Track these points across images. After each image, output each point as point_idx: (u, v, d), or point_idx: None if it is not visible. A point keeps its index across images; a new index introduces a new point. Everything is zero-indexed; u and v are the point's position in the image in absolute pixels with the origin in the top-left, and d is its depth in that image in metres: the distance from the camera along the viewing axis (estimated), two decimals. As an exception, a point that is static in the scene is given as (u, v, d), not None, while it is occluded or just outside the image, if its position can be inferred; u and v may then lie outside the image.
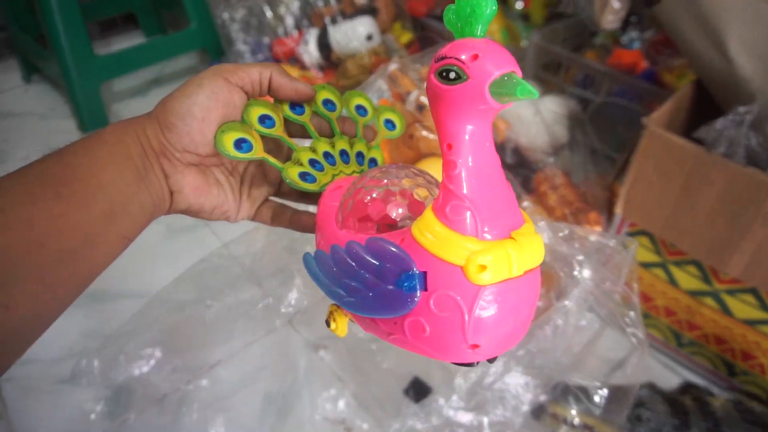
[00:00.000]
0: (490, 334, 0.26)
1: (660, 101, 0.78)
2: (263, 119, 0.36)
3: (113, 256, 0.31)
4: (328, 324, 0.34)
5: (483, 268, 0.25)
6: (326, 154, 0.37)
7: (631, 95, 1.08)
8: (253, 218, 0.40)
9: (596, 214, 0.84)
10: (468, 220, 0.25)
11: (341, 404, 0.78)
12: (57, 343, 0.87)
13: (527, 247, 0.26)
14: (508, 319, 0.26)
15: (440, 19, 1.30)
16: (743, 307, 0.74)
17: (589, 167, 0.99)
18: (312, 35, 1.22)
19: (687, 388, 0.80)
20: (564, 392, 0.72)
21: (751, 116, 0.71)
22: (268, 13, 1.24)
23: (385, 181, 0.32)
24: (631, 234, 0.81)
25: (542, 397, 0.70)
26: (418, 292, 0.26)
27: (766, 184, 0.65)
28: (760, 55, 0.72)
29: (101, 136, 0.32)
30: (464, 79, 0.24)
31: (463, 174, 0.25)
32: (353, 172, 0.38)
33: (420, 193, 0.32)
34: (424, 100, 0.90)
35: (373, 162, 0.39)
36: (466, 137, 0.25)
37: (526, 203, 0.83)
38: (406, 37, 1.27)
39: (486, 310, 0.25)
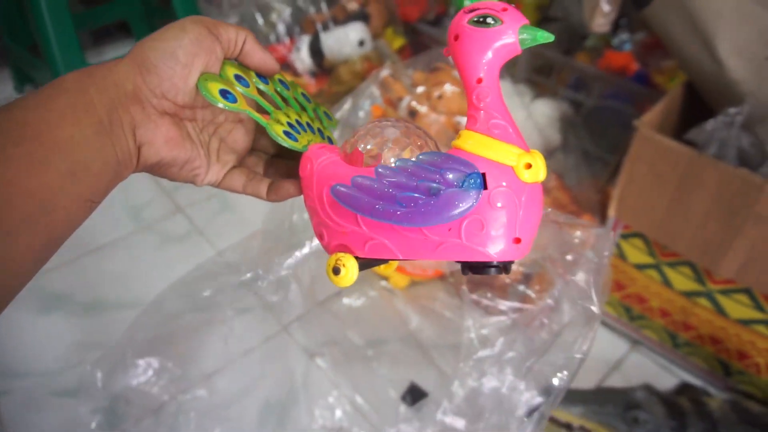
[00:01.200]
0: (527, 228, 0.31)
1: (651, 103, 0.79)
2: (238, 79, 0.36)
3: (76, 222, 0.29)
4: (336, 272, 0.34)
5: (529, 166, 0.30)
6: (297, 122, 0.38)
7: (622, 97, 1.08)
8: (220, 184, 0.38)
9: (589, 216, 0.84)
10: (509, 132, 0.31)
11: (338, 412, 0.78)
12: (52, 355, 0.87)
13: (541, 157, 0.32)
14: (536, 217, 0.32)
15: (432, 24, 1.31)
16: (737, 307, 0.75)
17: (582, 170, 0.99)
18: (304, 42, 1.22)
19: (683, 388, 0.80)
20: (559, 395, 0.72)
21: (741, 117, 0.72)
22: (260, 20, 1.25)
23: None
24: (625, 236, 0.82)
25: (537, 400, 0.70)
26: (482, 189, 0.30)
27: (758, 185, 0.65)
28: (749, 56, 0.72)
29: (60, 85, 0.29)
30: (499, 23, 0.30)
31: (493, 100, 0.31)
32: (320, 142, 0.39)
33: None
34: (416, 105, 0.90)
35: (329, 140, 0.40)
36: (492, 72, 0.31)
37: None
38: (398, 42, 1.27)
39: (527, 206, 0.31)
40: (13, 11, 1.42)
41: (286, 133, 0.36)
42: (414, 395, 0.80)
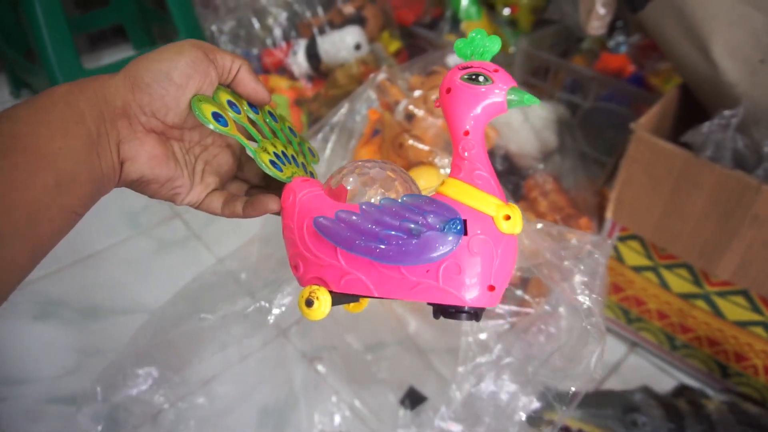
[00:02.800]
0: (502, 277, 0.33)
1: (648, 105, 0.79)
2: (230, 105, 0.36)
3: (61, 234, 0.29)
4: (309, 304, 0.34)
5: (507, 218, 0.32)
6: (283, 153, 0.38)
7: (619, 99, 1.08)
8: (200, 205, 0.38)
9: (587, 219, 0.84)
10: (491, 184, 0.33)
11: (337, 417, 0.78)
12: (51, 362, 0.86)
13: (519, 212, 0.33)
14: (511, 267, 0.33)
15: (428, 27, 1.31)
16: (734, 309, 0.75)
17: (579, 172, 0.99)
18: (300, 46, 1.22)
19: (681, 390, 0.80)
20: (558, 399, 0.72)
21: (736, 119, 0.72)
22: (257, 25, 1.24)
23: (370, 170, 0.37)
24: (622, 238, 0.82)
25: (536, 405, 0.70)
26: (462, 235, 0.31)
27: (753, 187, 0.66)
28: (743, 59, 0.73)
29: (50, 97, 0.29)
30: (490, 82, 0.32)
31: (477, 152, 0.33)
32: (304, 176, 0.39)
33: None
34: (413, 109, 0.90)
35: (311, 176, 0.41)
36: (478, 126, 0.33)
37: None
38: (395, 45, 1.27)
39: (504, 255, 0.32)
40: (8, 17, 1.41)
41: (272, 162, 0.36)
42: (413, 400, 0.80)
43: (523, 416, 0.70)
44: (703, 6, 0.73)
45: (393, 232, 0.32)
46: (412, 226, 0.32)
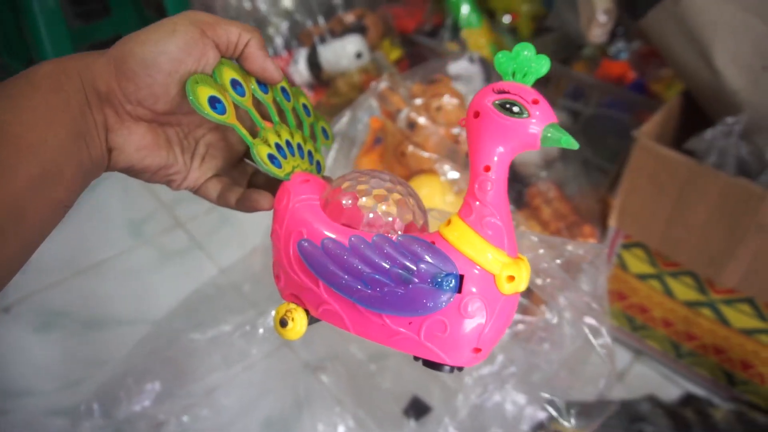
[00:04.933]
0: (491, 340, 0.30)
1: (649, 111, 0.79)
2: (234, 84, 0.32)
3: (48, 228, 0.27)
4: (284, 324, 0.32)
5: (512, 279, 0.29)
6: (287, 143, 0.35)
7: (621, 106, 1.08)
8: (197, 191, 0.35)
9: (590, 227, 0.84)
10: (500, 235, 0.29)
11: (341, 428, 0.78)
12: (53, 374, 0.86)
13: (527, 269, 0.30)
14: (504, 328, 0.30)
15: (429, 35, 1.31)
16: (740, 317, 0.74)
17: (582, 180, 0.99)
18: (302, 55, 1.22)
19: (688, 399, 0.79)
20: (563, 408, 0.71)
21: (739, 126, 0.72)
22: (258, 34, 1.25)
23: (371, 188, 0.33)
24: (626, 246, 0.81)
25: (541, 415, 0.69)
26: (456, 292, 0.28)
27: (758, 194, 0.65)
28: (745, 66, 0.73)
29: (33, 81, 0.27)
30: (525, 116, 0.27)
31: (495, 194, 0.29)
32: (307, 169, 0.37)
33: (389, 209, 0.33)
34: (415, 117, 0.90)
35: (318, 165, 0.38)
36: (503, 163, 0.29)
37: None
38: (396, 53, 1.28)
39: (498, 318, 0.29)
40: (9, 27, 1.42)
41: (271, 157, 0.33)
42: (417, 410, 0.79)
43: (529, 427, 0.69)
44: (704, 13, 0.73)
45: (379, 276, 0.29)
46: (402, 272, 0.28)
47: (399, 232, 0.32)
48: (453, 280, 0.28)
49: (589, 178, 1.00)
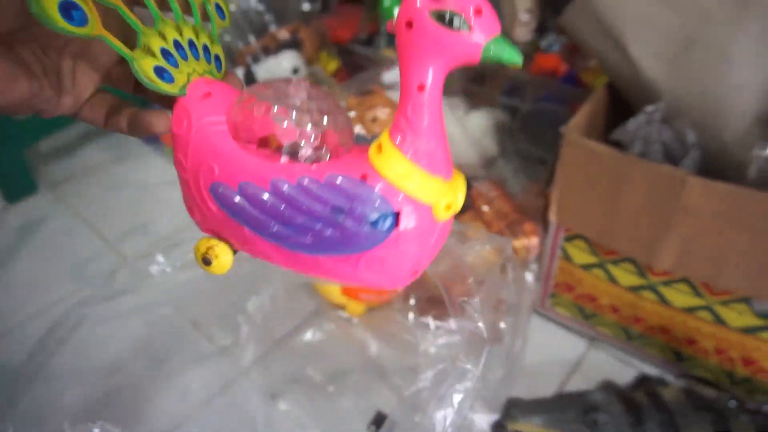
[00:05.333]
0: (428, 261, 0.30)
1: (583, 102, 0.81)
2: None
3: None
4: (207, 262, 0.30)
5: (449, 207, 0.28)
6: (176, 44, 0.29)
7: (556, 99, 1.11)
8: (80, 115, 0.29)
9: (532, 224, 0.86)
10: (435, 161, 0.27)
11: (304, 453, 0.77)
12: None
13: (463, 187, 0.29)
14: (439, 248, 0.30)
15: (365, 43, 1.31)
16: (680, 296, 0.77)
17: (523, 175, 1.01)
18: (238, 75, 1.21)
19: (641, 381, 0.81)
20: (520, 406, 0.72)
21: (659, 114, 0.74)
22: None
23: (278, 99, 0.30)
24: (568, 239, 0.83)
25: (497, 416, 0.70)
26: (393, 230, 0.27)
27: (680, 179, 0.67)
28: (660, 54, 0.75)
29: None
30: (465, 29, 0.24)
31: (431, 116, 0.26)
32: (205, 71, 0.31)
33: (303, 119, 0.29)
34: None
35: (217, 60, 0.33)
36: (438, 82, 0.26)
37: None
38: (333, 65, 1.28)
39: (435, 243, 0.29)
40: None
41: (159, 70, 0.27)
42: (379, 423, 0.79)
43: (486, 429, 0.70)
44: (615, 7, 0.75)
45: (310, 222, 0.27)
46: (334, 216, 0.27)
47: (327, 156, 0.29)
48: (389, 219, 0.27)
49: (530, 174, 1.02)
